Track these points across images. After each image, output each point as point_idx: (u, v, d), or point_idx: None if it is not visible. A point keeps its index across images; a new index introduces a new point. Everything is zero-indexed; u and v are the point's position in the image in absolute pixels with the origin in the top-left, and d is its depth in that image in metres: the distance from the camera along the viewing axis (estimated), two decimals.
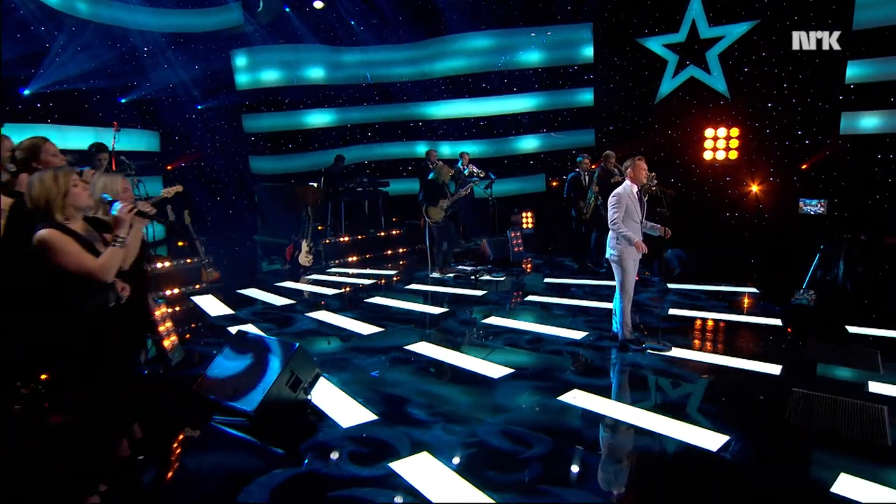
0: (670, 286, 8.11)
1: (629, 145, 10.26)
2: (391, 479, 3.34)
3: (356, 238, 11.27)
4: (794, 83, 9.79)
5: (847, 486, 3.20)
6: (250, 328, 6.46)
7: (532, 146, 13.54)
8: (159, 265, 8.26)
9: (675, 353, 5.42)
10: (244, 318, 6.97)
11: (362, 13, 13.63)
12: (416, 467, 3.46)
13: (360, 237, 11.34)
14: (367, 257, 11.18)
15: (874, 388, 4.56)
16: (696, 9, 10.48)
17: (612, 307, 5.70)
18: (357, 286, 8.89)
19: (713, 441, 3.73)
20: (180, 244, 10.10)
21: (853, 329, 6.05)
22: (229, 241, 12.30)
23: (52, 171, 2.91)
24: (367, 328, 6.48)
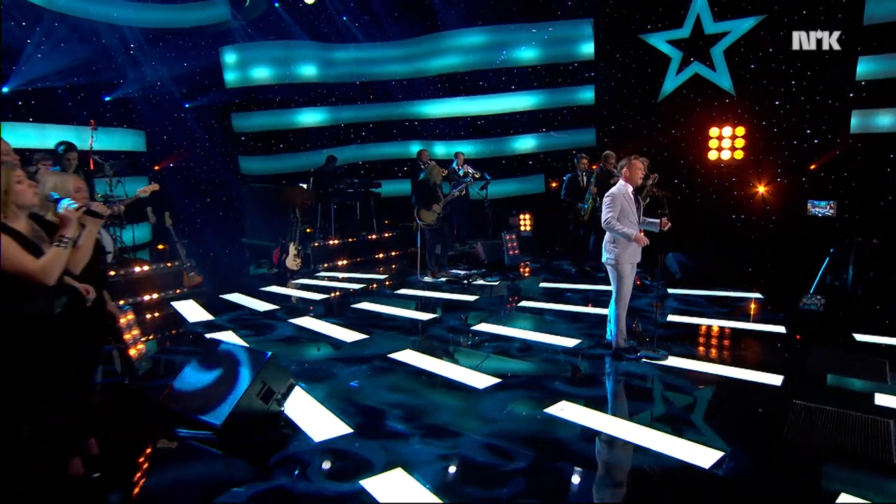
0: (670, 291, 7.89)
1: (631, 145, 9.94)
2: (361, 497, 3.18)
3: (346, 241, 10.97)
4: (802, 80, 9.48)
5: None
6: (229, 335, 6.26)
7: (531, 146, 13.15)
8: (137, 269, 7.95)
9: (672, 361, 5.18)
10: (223, 325, 6.71)
11: (354, 9, 13.29)
12: (388, 485, 3.28)
13: (350, 240, 11.04)
14: (357, 261, 10.89)
15: (880, 400, 4.31)
16: (700, 3, 10.14)
17: (607, 314, 5.46)
18: (346, 291, 8.62)
19: (706, 457, 3.51)
20: (160, 247, 9.78)
21: (862, 337, 5.83)
22: (217, 244, 12.01)
23: None
24: (351, 335, 6.23)
